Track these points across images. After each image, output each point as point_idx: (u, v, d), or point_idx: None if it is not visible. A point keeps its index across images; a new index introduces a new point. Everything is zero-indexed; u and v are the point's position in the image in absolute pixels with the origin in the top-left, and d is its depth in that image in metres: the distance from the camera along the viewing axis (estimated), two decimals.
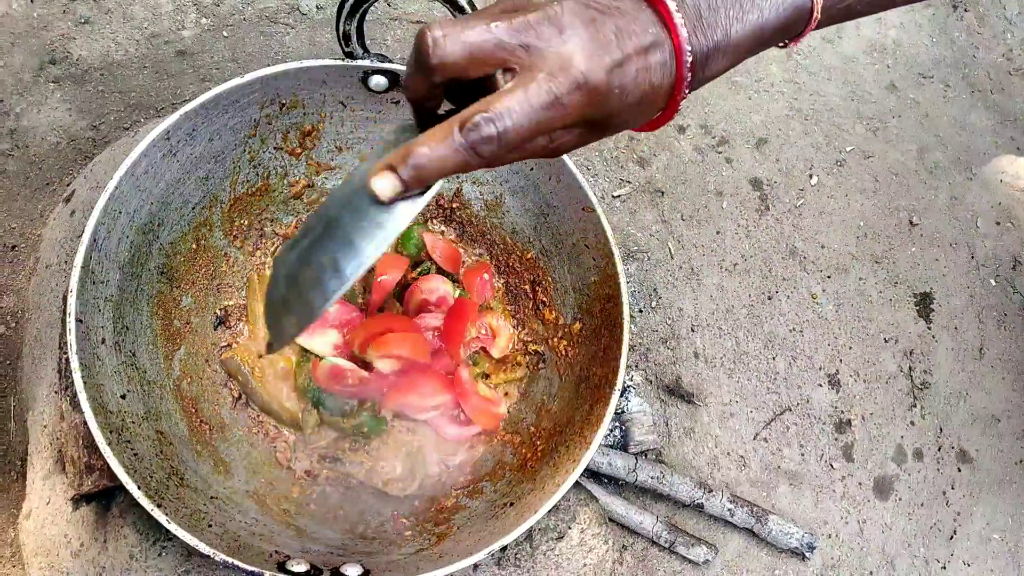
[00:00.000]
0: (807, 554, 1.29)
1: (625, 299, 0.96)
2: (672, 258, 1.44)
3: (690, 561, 1.27)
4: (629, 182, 1.47)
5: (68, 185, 1.24)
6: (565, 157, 0.99)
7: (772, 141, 1.57)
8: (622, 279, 0.96)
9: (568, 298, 1.05)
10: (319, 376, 0.97)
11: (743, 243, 1.47)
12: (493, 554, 0.88)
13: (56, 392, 0.98)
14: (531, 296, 1.10)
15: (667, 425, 1.34)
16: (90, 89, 1.32)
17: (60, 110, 1.30)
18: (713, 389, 1.37)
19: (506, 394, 1.08)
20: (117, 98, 1.33)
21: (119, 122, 1.32)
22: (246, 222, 1.05)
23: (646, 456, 1.31)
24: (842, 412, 1.41)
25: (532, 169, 1.03)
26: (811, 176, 1.56)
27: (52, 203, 1.24)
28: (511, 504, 0.92)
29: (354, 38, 0.93)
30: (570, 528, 0.96)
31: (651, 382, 1.36)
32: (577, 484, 1.04)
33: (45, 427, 0.98)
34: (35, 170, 1.27)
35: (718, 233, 1.47)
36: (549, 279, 1.08)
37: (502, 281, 1.13)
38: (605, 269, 0.99)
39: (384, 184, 0.49)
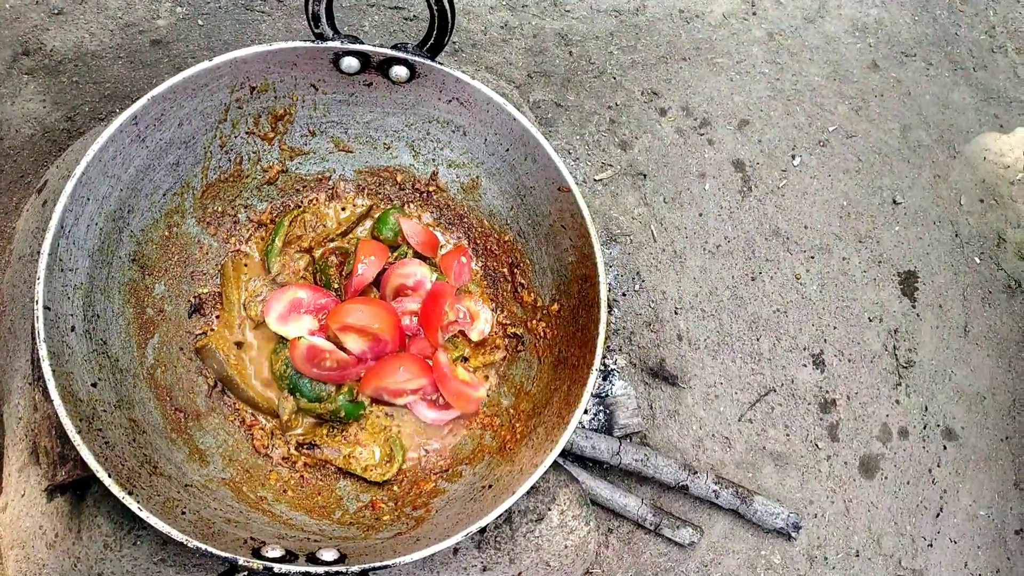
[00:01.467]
0: (793, 534, 1.29)
1: (602, 279, 0.95)
2: (655, 241, 1.43)
3: (676, 543, 1.27)
4: (611, 165, 1.47)
5: (42, 176, 1.22)
6: (540, 137, 0.98)
7: (754, 122, 1.56)
8: (599, 259, 0.96)
9: (546, 280, 1.04)
10: (296, 358, 0.96)
11: (726, 225, 1.47)
12: (473, 537, 0.88)
13: (30, 383, 0.97)
14: (509, 279, 1.09)
15: (651, 408, 1.34)
16: (64, 80, 1.31)
17: (34, 102, 1.29)
18: (697, 371, 1.37)
19: (486, 377, 1.07)
20: (92, 89, 1.31)
21: (94, 113, 1.31)
22: (219, 209, 1.04)
23: (631, 439, 1.30)
24: (827, 392, 1.41)
25: (508, 150, 1.03)
26: (794, 157, 1.55)
27: (27, 196, 1.23)
28: (490, 487, 0.92)
29: (323, 19, 0.92)
30: (550, 510, 0.96)
31: (635, 365, 1.36)
32: (557, 465, 1.04)
33: (20, 419, 0.97)
34: (9, 163, 1.25)
35: (701, 215, 1.47)
36: (527, 261, 1.07)
37: (480, 264, 1.12)
38: (582, 249, 0.98)
39: None
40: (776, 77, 1.62)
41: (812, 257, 1.48)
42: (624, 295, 1.38)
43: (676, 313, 1.40)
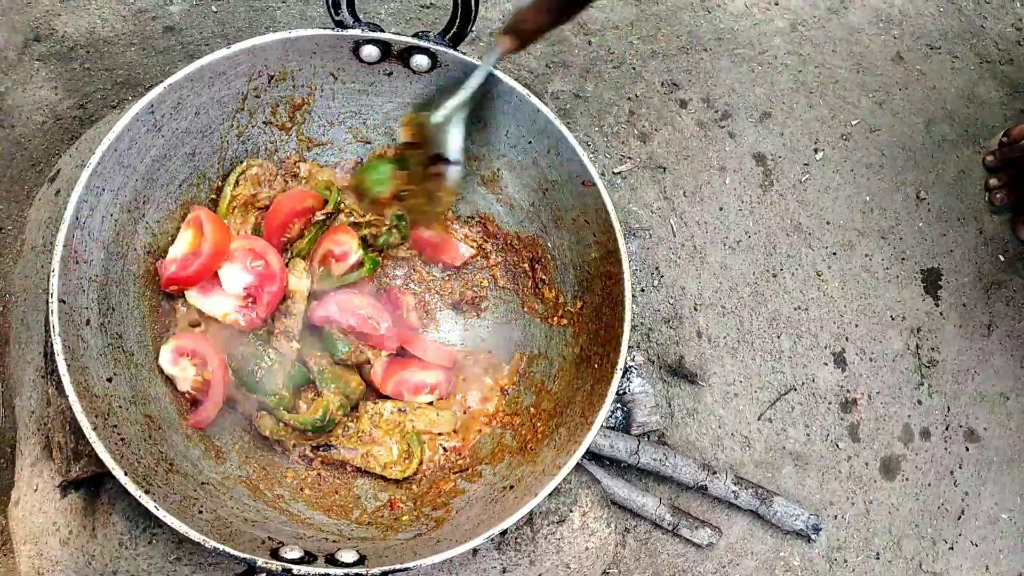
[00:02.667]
0: (813, 536, 1.27)
1: (627, 276, 0.93)
2: (674, 236, 1.40)
3: (694, 544, 1.25)
4: (630, 158, 1.44)
5: (55, 165, 1.20)
6: (564, 130, 0.96)
7: (776, 115, 1.53)
8: (624, 255, 0.93)
9: (568, 276, 1.02)
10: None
11: (747, 220, 1.44)
12: (493, 538, 0.86)
13: (42, 377, 0.95)
14: (530, 274, 1.07)
15: (670, 406, 1.32)
16: (76, 67, 1.28)
17: (46, 88, 1.26)
18: (717, 369, 1.35)
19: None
20: (104, 76, 1.29)
21: (106, 100, 1.28)
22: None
23: (648, 438, 1.28)
24: (848, 391, 1.38)
25: (530, 143, 1.00)
26: (816, 150, 1.52)
27: (39, 184, 1.21)
28: (511, 487, 0.90)
29: (344, 6, 0.89)
30: (571, 511, 0.94)
31: (653, 362, 1.34)
32: (578, 466, 1.02)
33: (32, 413, 0.96)
34: (21, 150, 1.23)
35: (721, 210, 1.44)
36: (548, 257, 1.05)
37: (500, 259, 1.10)
38: (606, 245, 0.96)
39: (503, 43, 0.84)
40: (799, 69, 1.59)
41: (834, 253, 1.46)
42: (643, 291, 1.36)
43: (695, 310, 1.37)
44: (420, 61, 0.96)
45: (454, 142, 0.91)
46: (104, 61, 1.30)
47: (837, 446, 1.35)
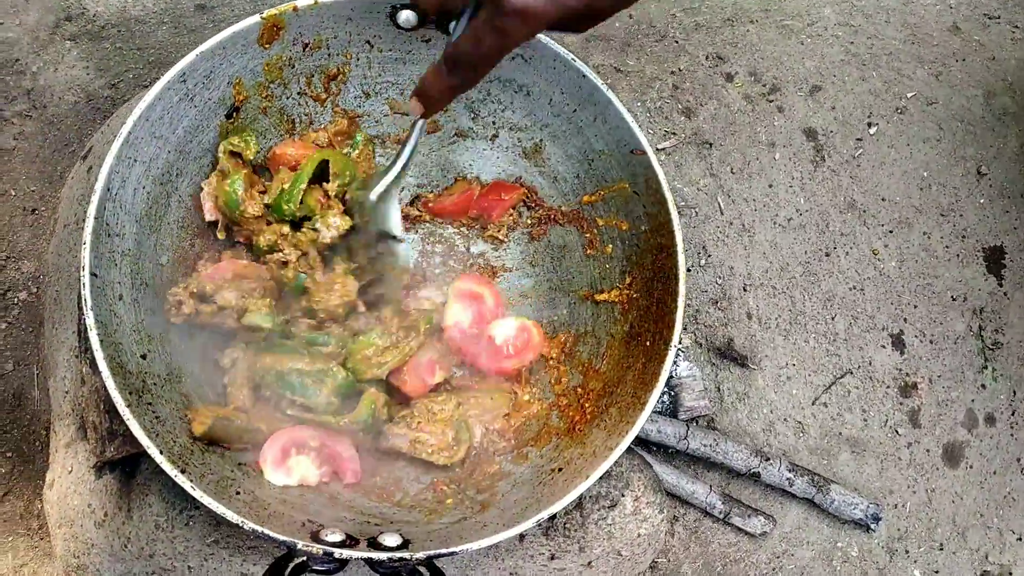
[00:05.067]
0: (872, 525, 1.20)
1: (680, 248, 0.88)
2: (722, 214, 1.35)
3: (746, 533, 1.20)
4: (675, 134, 1.38)
5: (87, 144, 1.18)
6: (612, 96, 0.91)
7: (827, 88, 1.46)
8: (677, 226, 0.88)
9: (617, 250, 0.97)
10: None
11: (798, 197, 1.38)
12: (541, 523, 0.82)
13: (76, 356, 0.93)
14: (576, 249, 1.02)
15: (719, 390, 1.26)
16: (107, 46, 1.26)
17: (77, 68, 1.25)
18: (768, 352, 1.29)
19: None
20: (135, 55, 1.27)
21: (138, 80, 1.26)
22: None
23: (697, 423, 1.23)
24: (907, 375, 1.31)
25: (575, 111, 0.95)
26: (870, 124, 1.45)
27: (72, 164, 1.19)
28: (559, 470, 0.85)
29: None
30: (623, 496, 0.89)
31: (701, 345, 1.28)
32: (630, 449, 0.97)
33: (66, 393, 0.94)
34: (53, 131, 1.22)
35: (771, 186, 1.38)
36: (595, 231, 1.00)
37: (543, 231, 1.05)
38: (657, 217, 0.91)
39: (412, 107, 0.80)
40: (850, 40, 1.52)
41: (890, 231, 1.39)
42: (689, 271, 1.30)
43: (745, 290, 1.31)
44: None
45: (395, 218, 0.89)
46: (135, 40, 1.27)
47: (896, 432, 1.29)
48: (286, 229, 0.91)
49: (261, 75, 0.91)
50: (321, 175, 0.93)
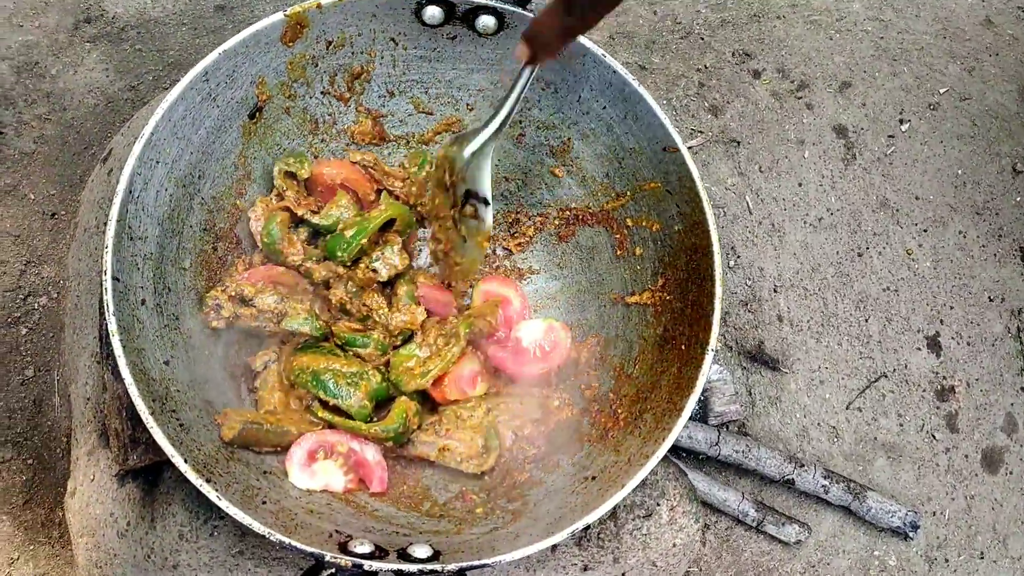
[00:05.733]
0: (910, 533, 1.17)
1: (716, 248, 0.85)
2: (751, 213, 1.31)
3: (780, 541, 1.16)
4: (701, 132, 1.35)
5: (107, 147, 1.17)
6: (644, 92, 0.88)
7: (857, 84, 1.43)
8: (712, 225, 0.85)
9: (648, 250, 0.94)
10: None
11: (828, 196, 1.34)
12: (574, 533, 0.79)
13: (98, 362, 0.91)
14: (605, 250, 1.00)
15: (750, 394, 1.23)
16: (127, 48, 1.25)
17: (97, 71, 1.23)
18: (800, 355, 1.25)
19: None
20: (155, 56, 1.26)
21: (158, 82, 1.25)
22: None
23: (728, 428, 1.20)
24: (944, 378, 1.28)
25: (605, 108, 0.93)
26: (902, 121, 1.42)
27: (91, 167, 1.18)
28: (593, 478, 0.83)
29: None
30: (659, 505, 0.86)
31: (731, 348, 1.25)
32: (665, 457, 0.94)
33: (88, 400, 0.92)
34: (73, 134, 1.20)
35: (800, 185, 1.34)
36: (625, 231, 0.97)
37: (571, 231, 1.02)
38: (691, 216, 0.88)
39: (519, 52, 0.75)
40: (880, 35, 1.48)
41: (925, 231, 1.35)
42: None
43: (775, 291, 1.28)
44: (486, 22, 0.89)
45: (487, 178, 0.84)
46: (155, 42, 1.26)
47: (934, 437, 1.25)
48: (341, 270, 0.90)
49: (284, 74, 0.89)
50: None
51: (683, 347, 0.86)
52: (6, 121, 1.19)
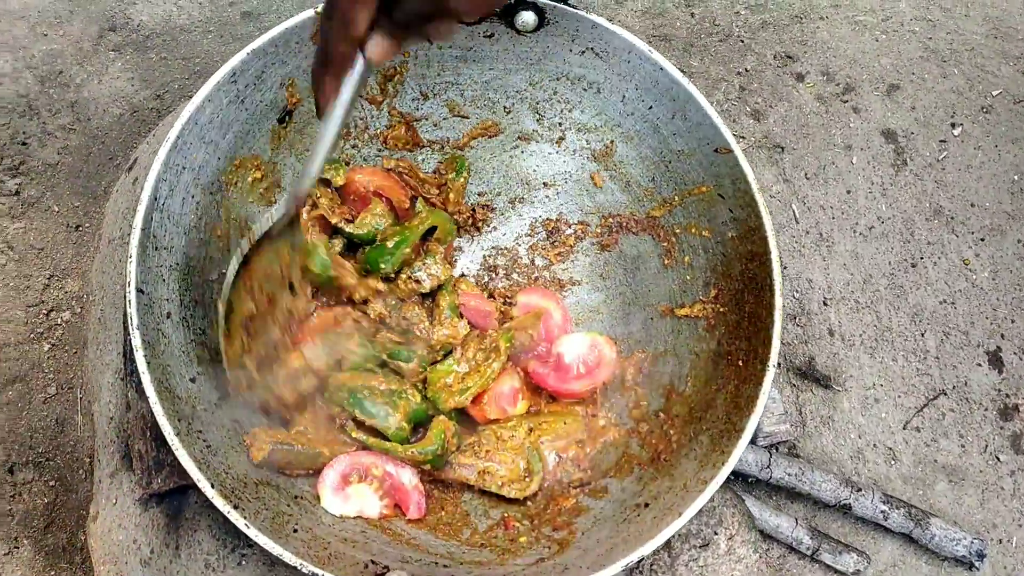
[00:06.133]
0: (976, 563, 1.09)
1: (775, 255, 0.79)
2: (797, 222, 1.25)
3: (837, 571, 1.09)
4: (743, 137, 1.30)
5: (132, 157, 1.14)
6: (694, 90, 0.83)
7: (905, 87, 1.37)
8: (770, 231, 0.80)
9: (698, 259, 0.89)
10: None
11: (879, 203, 1.28)
12: (628, 566, 0.73)
13: (121, 379, 0.87)
14: (651, 259, 0.94)
15: (800, 414, 1.17)
16: (152, 56, 1.22)
17: (122, 79, 1.21)
18: (853, 371, 1.19)
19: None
20: (181, 65, 1.23)
21: (183, 90, 1.22)
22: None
23: (777, 449, 1.13)
24: (1007, 396, 1.20)
25: (651, 108, 0.88)
26: (953, 125, 1.35)
27: (116, 178, 1.14)
28: (646, 505, 0.77)
29: None
30: (716, 534, 0.80)
31: (780, 364, 1.18)
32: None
33: (111, 419, 0.88)
34: (98, 144, 1.17)
35: (849, 193, 1.28)
36: (672, 239, 0.91)
37: (614, 239, 0.97)
38: (746, 221, 0.82)
39: None
40: (928, 36, 1.42)
41: (982, 239, 1.28)
42: None
43: (825, 305, 1.22)
44: (526, 18, 0.84)
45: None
46: (181, 50, 1.23)
47: (998, 459, 1.17)
48: (381, 285, 0.86)
49: None
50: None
51: (740, 363, 0.81)
52: (30, 132, 1.16)
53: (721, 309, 0.86)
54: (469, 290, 0.90)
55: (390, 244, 0.85)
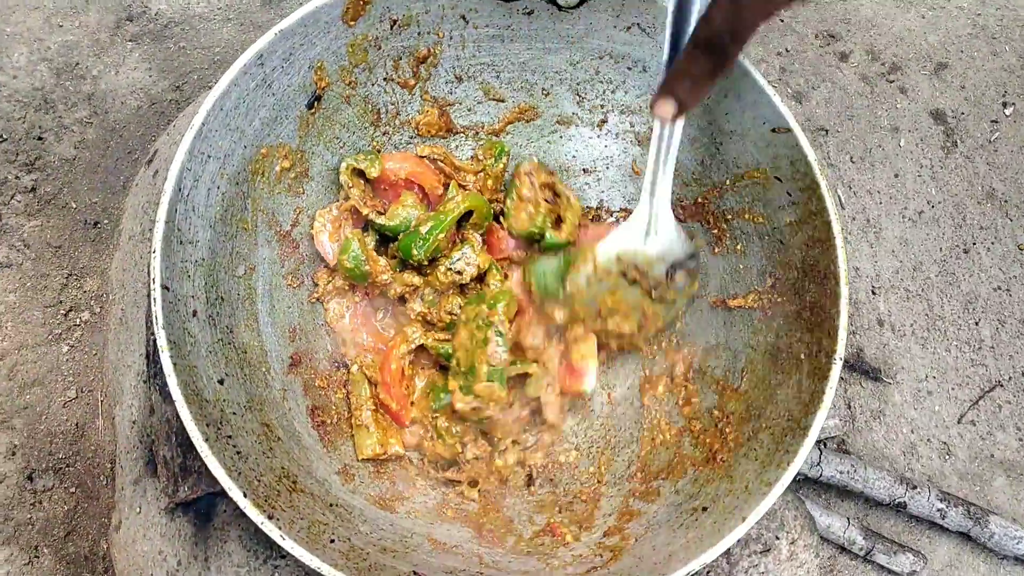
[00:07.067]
0: None
1: (839, 240, 0.74)
2: (843, 208, 1.20)
3: (892, 572, 1.04)
4: None
5: (151, 149, 1.10)
6: (749, 65, 0.78)
7: (954, 65, 1.30)
8: (832, 215, 0.74)
9: (753, 246, 0.83)
10: None
11: (928, 187, 1.22)
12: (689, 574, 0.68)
13: (144, 382, 0.83)
14: (700, 247, 0.89)
15: (849, 408, 1.11)
16: (171, 46, 1.18)
17: (140, 70, 1.16)
18: (904, 363, 1.13)
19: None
20: (200, 55, 1.18)
21: (203, 81, 1.17)
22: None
23: (826, 445, 1.08)
24: None
25: None
26: (1005, 104, 1.29)
27: (135, 173, 1.10)
28: (704, 509, 0.72)
29: None
30: (778, 538, 0.75)
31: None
32: None
33: (134, 423, 0.84)
34: (116, 137, 1.13)
35: (896, 176, 1.22)
36: (723, 226, 0.86)
37: None
38: (807, 205, 0.77)
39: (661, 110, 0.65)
40: (976, 12, 1.35)
41: None
42: None
43: (874, 293, 1.16)
44: None
45: (677, 241, 0.79)
46: (200, 39, 1.19)
47: None
48: (416, 279, 0.83)
49: (345, 58, 0.80)
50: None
51: (802, 356, 0.75)
52: (46, 126, 1.12)
53: (779, 299, 0.80)
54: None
55: (424, 229, 0.80)
